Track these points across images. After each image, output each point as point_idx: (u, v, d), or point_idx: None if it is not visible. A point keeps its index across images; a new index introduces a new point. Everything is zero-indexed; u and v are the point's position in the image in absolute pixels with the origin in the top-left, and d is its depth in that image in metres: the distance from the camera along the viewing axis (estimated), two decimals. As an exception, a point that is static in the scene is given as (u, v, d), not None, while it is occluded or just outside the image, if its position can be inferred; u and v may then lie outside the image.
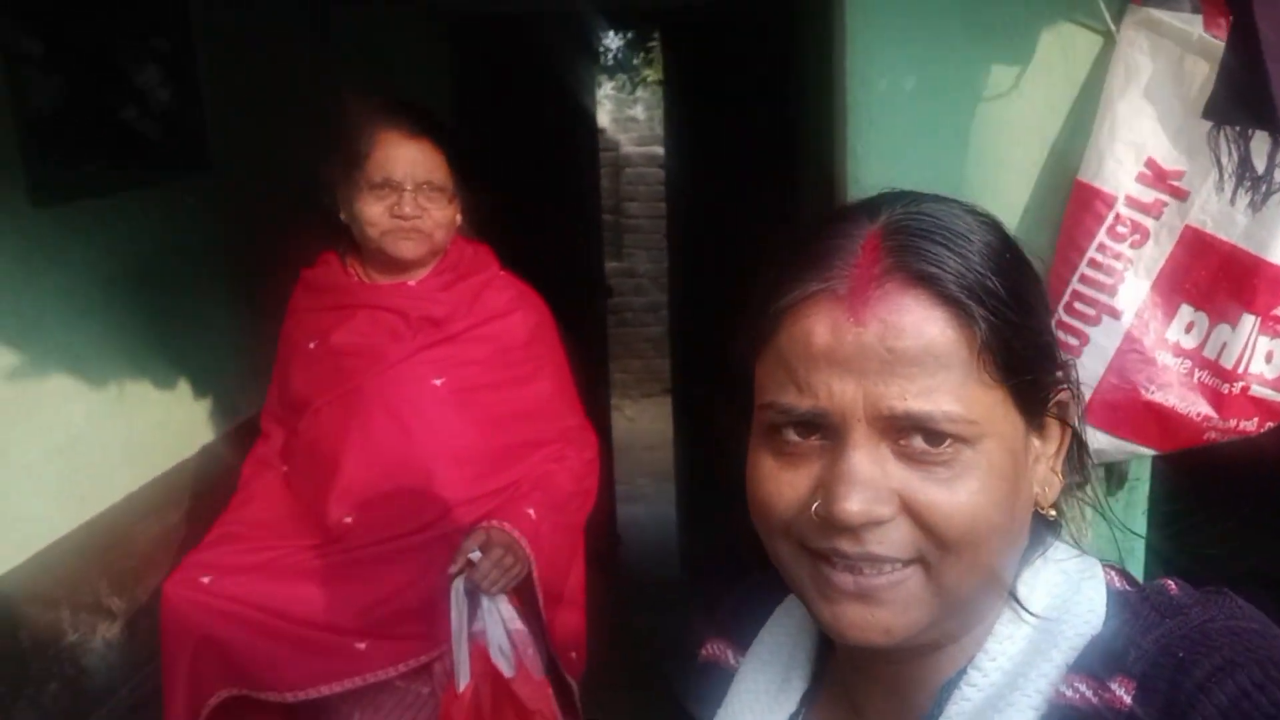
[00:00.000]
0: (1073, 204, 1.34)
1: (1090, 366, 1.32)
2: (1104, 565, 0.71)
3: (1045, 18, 1.35)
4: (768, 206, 3.98)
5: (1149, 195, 1.31)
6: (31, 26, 2.54)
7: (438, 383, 1.96)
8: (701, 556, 4.21)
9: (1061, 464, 0.71)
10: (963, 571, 0.63)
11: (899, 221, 0.65)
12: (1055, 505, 0.72)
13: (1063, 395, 0.69)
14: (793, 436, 0.65)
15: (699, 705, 0.82)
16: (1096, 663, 0.63)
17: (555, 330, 2.12)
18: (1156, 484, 1.55)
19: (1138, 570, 1.62)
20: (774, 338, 0.66)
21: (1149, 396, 1.31)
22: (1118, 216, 1.31)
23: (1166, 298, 1.31)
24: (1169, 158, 1.31)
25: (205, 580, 2.07)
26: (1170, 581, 0.68)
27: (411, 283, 1.98)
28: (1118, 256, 1.31)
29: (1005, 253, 0.66)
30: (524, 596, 1.97)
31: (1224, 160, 1.18)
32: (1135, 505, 1.57)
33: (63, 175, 2.60)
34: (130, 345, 2.82)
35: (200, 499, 3.14)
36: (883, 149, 1.41)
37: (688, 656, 0.87)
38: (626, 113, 7.27)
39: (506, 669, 1.87)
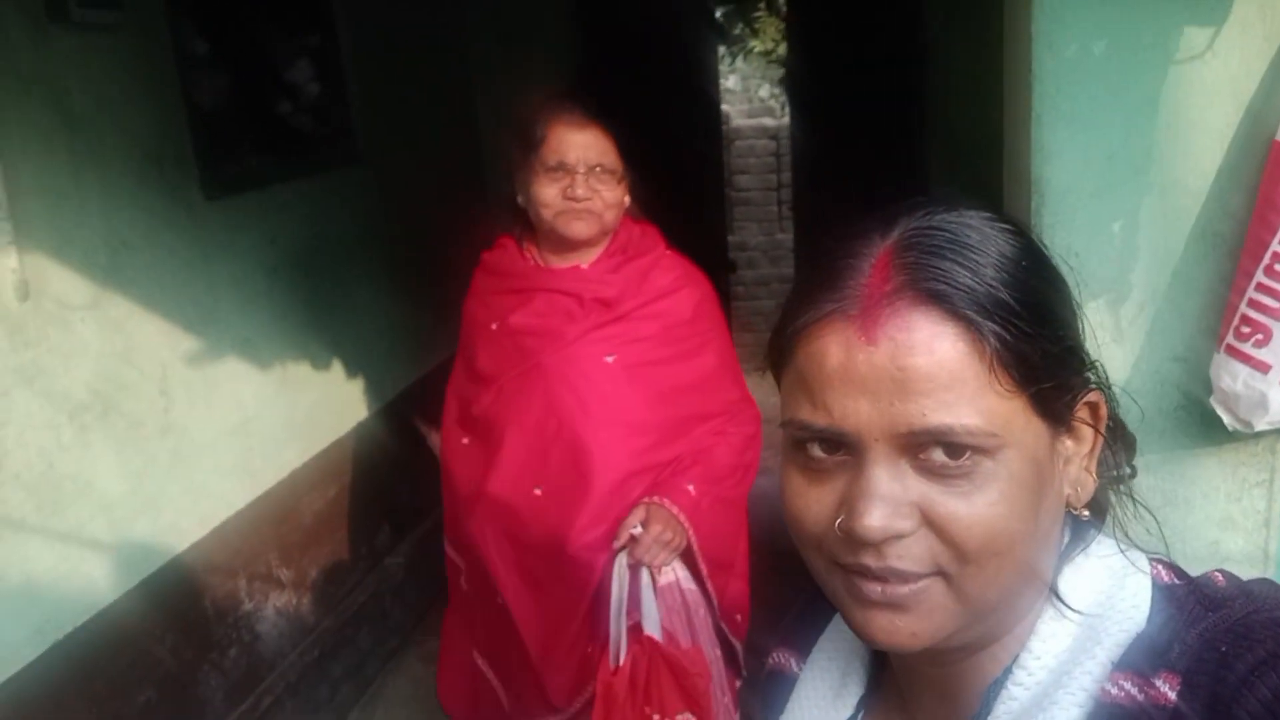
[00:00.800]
0: (1271, 165, 1.33)
1: (1294, 327, 1.31)
2: (1152, 559, 0.70)
3: (1241, -24, 1.34)
4: (892, 174, 3.96)
5: (1353, 154, 1.29)
6: (197, 27, 2.66)
7: (610, 359, 2.03)
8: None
9: (1096, 463, 0.69)
10: (985, 581, 0.63)
11: (909, 238, 0.65)
12: (1096, 503, 0.71)
13: (1092, 396, 0.68)
14: (817, 453, 0.65)
15: (765, 713, 0.84)
16: (1141, 659, 0.62)
17: (718, 306, 2.18)
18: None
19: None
20: (793, 357, 0.67)
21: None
22: (1320, 177, 1.30)
23: (1372, 258, 1.29)
24: (1374, 115, 1.29)
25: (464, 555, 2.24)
26: (1218, 573, 0.68)
27: (584, 265, 2.06)
28: (1321, 218, 1.30)
29: (1021, 261, 0.65)
30: (690, 567, 2.03)
31: None
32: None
33: (229, 170, 2.73)
34: (291, 330, 2.97)
35: (356, 474, 3.29)
36: (1070, 116, 1.41)
37: (756, 669, 0.91)
38: (724, 84, 7.23)
39: (660, 638, 1.93)
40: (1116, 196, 1.44)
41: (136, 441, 2.35)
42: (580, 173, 1.96)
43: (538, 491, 2.03)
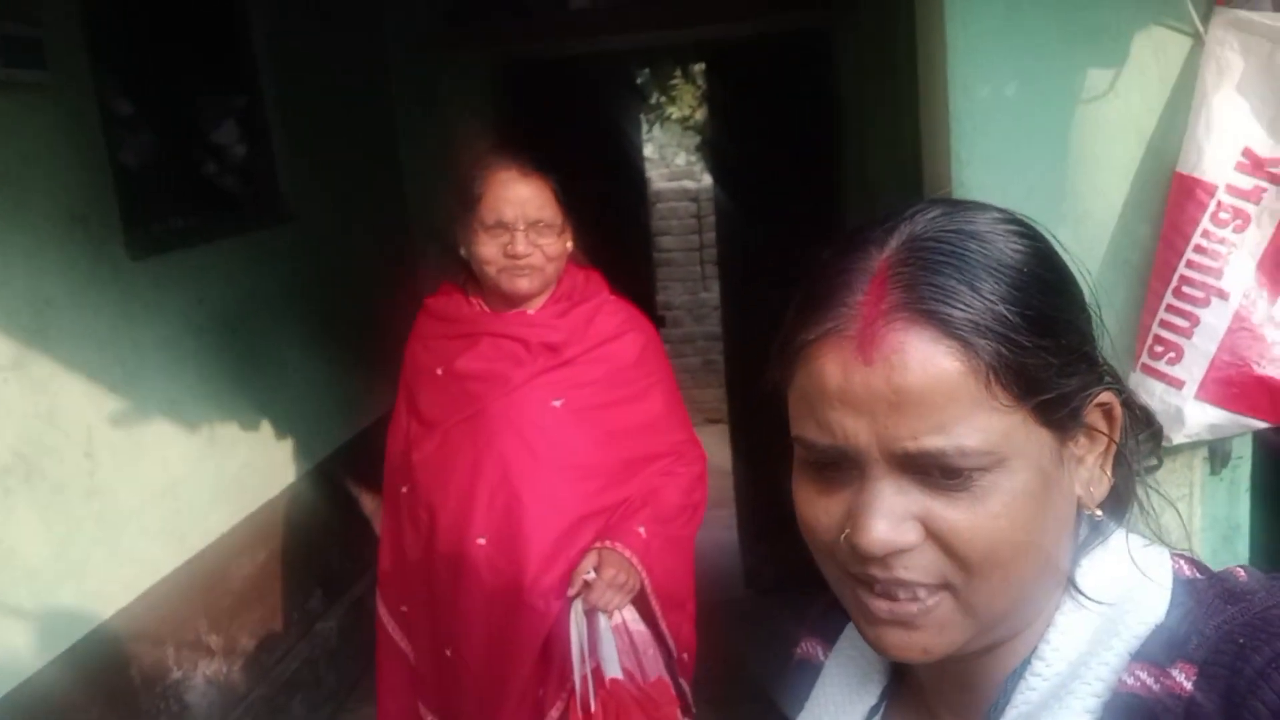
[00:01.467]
0: (1174, 195, 1.42)
1: (1202, 346, 1.39)
2: (1174, 554, 0.70)
3: (1137, 22, 1.44)
4: (812, 228, 4.07)
5: (1248, 182, 1.39)
6: (122, 87, 2.66)
7: (557, 404, 2.04)
8: (767, 574, 4.26)
9: (1111, 462, 0.69)
10: (992, 593, 0.63)
11: (906, 253, 0.64)
12: (1117, 494, 0.71)
13: (1105, 397, 0.67)
14: (825, 467, 0.66)
15: (791, 700, 0.85)
16: (1159, 650, 0.63)
17: (662, 349, 2.21)
18: (1259, 462, 1.62)
19: (1241, 548, 1.68)
20: (796, 374, 0.67)
21: (1260, 371, 1.38)
22: (1219, 204, 1.39)
23: (1272, 277, 1.38)
24: (1265, 146, 1.39)
25: (403, 610, 2.22)
26: (1240, 568, 0.67)
27: (530, 311, 2.08)
28: (1222, 241, 1.39)
29: (1024, 270, 0.64)
30: (641, 607, 2.04)
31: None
32: (1239, 484, 1.63)
33: (155, 229, 2.72)
34: (219, 391, 2.92)
35: (286, 537, 3.22)
36: (987, 153, 1.49)
37: (783, 658, 0.90)
38: (644, 151, 7.37)
39: (624, 678, 1.93)
40: (1034, 230, 1.52)
41: (61, 505, 2.29)
42: (520, 230, 1.97)
43: (481, 541, 2.02)
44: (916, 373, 0.61)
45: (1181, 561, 0.69)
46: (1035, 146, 1.49)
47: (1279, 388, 1.39)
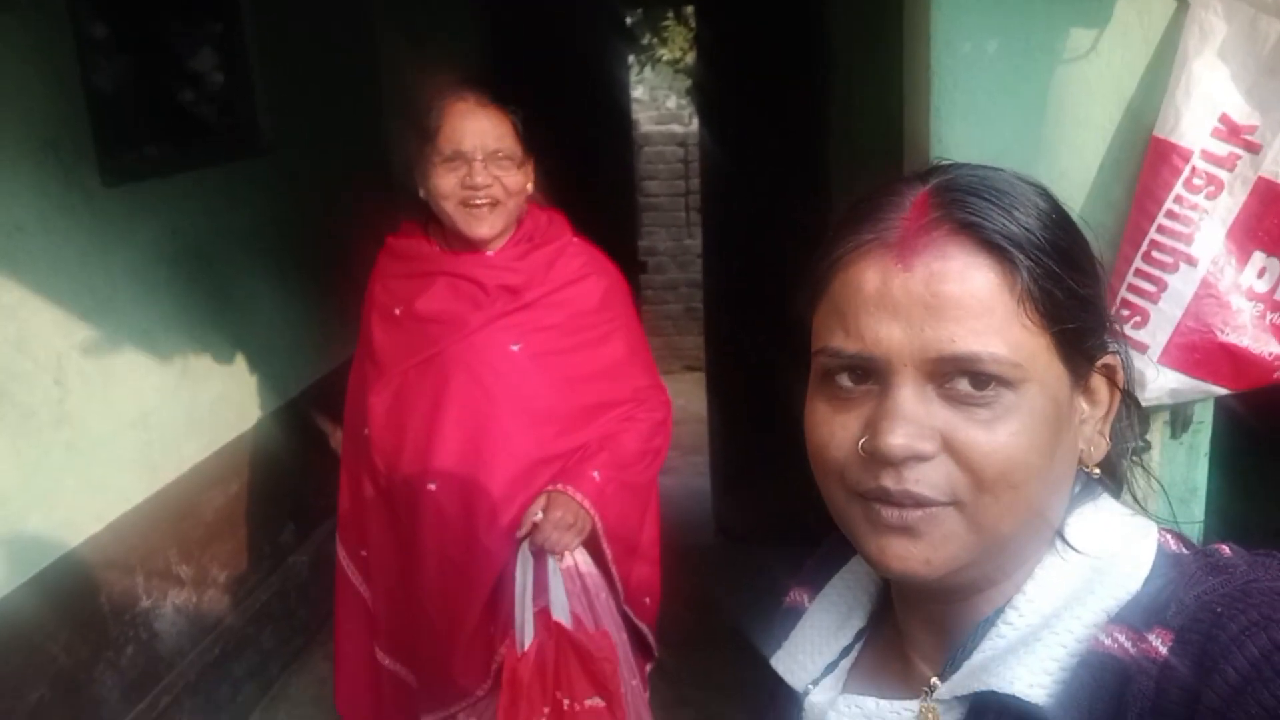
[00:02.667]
0: (1150, 158, 1.42)
1: (1168, 311, 1.40)
2: (1161, 528, 0.72)
3: (1121, -19, 1.43)
4: (797, 181, 4.06)
5: (1223, 149, 1.39)
6: (97, 11, 2.60)
7: (515, 348, 2.03)
8: (738, 522, 4.30)
9: (1109, 428, 0.72)
10: (1000, 512, 0.66)
11: (948, 181, 0.68)
12: (1110, 468, 0.74)
13: (1110, 359, 0.70)
14: (845, 382, 0.68)
15: (770, 642, 0.87)
16: (1137, 615, 0.64)
17: (627, 293, 2.19)
18: (1219, 428, 1.63)
19: (1197, 510, 1.70)
20: (828, 287, 0.69)
21: (1224, 338, 1.39)
22: (1194, 170, 1.39)
23: (1241, 245, 1.39)
24: (1242, 113, 1.38)
25: (362, 554, 2.23)
26: (1225, 545, 0.69)
27: (489, 253, 2.05)
28: (1194, 207, 1.39)
29: (1052, 213, 0.68)
30: (595, 552, 2.05)
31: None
32: (1198, 449, 1.64)
33: (129, 157, 2.68)
34: (192, 322, 2.91)
35: (259, 471, 3.23)
36: (966, 110, 1.48)
37: (770, 607, 0.92)
38: (633, 93, 7.29)
39: (569, 623, 1.95)
40: (1009, 188, 1.52)
41: (30, 433, 2.28)
42: (478, 160, 1.93)
43: (431, 487, 2.01)
44: (956, 279, 0.64)
45: (1168, 535, 0.71)
46: (1015, 104, 1.48)
47: (1241, 355, 1.40)
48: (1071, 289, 0.66)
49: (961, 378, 0.64)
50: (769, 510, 4.18)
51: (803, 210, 4.14)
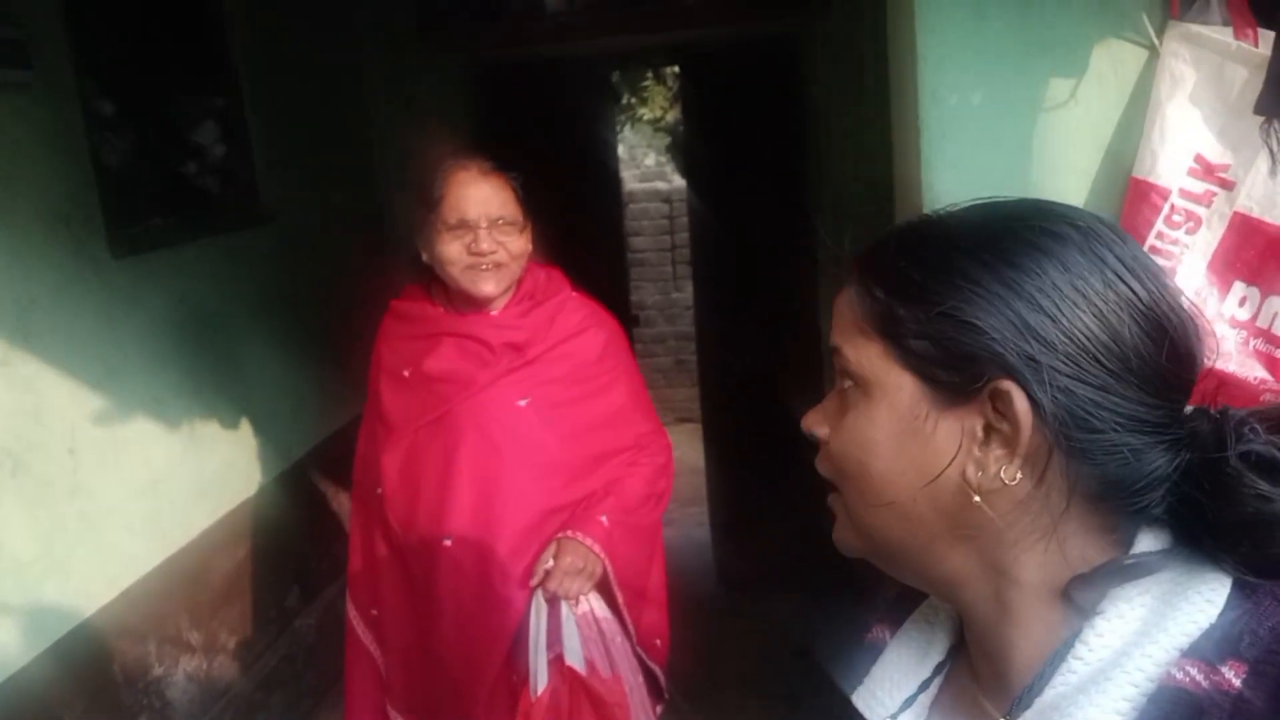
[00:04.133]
0: (1130, 198, 1.50)
1: (1157, 342, 1.47)
2: None
3: (1096, 35, 1.52)
4: (783, 233, 4.15)
5: (1200, 187, 1.47)
6: (105, 87, 2.68)
7: (523, 403, 2.09)
8: (739, 571, 4.33)
9: (1013, 464, 0.69)
10: (855, 505, 0.75)
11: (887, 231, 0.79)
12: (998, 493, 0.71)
13: (1003, 384, 0.68)
14: None
15: (850, 678, 0.89)
16: (1210, 648, 0.63)
17: (625, 343, 2.26)
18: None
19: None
20: None
21: (1210, 365, 1.46)
22: (1173, 207, 1.47)
23: (1221, 276, 1.47)
24: (1215, 153, 1.47)
25: (373, 613, 2.25)
26: None
27: (494, 312, 2.12)
28: (1175, 242, 1.47)
29: (942, 252, 0.72)
30: (607, 596, 2.10)
31: (1275, 149, 1.35)
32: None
33: (136, 229, 2.74)
34: (198, 389, 2.95)
35: (264, 535, 3.25)
36: (955, 158, 1.56)
37: (852, 643, 0.94)
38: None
39: (582, 668, 1.98)
40: (999, 231, 1.60)
41: (46, 503, 2.31)
42: (483, 228, 2.00)
43: (447, 543, 2.05)
44: (842, 298, 0.78)
45: None
46: (1000, 151, 1.56)
47: (1226, 380, 1.47)
48: (919, 312, 0.70)
49: (837, 369, 0.76)
50: (769, 558, 4.22)
51: (789, 261, 4.25)
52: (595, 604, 2.05)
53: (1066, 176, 1.57)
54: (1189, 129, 1.47)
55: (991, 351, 0.69)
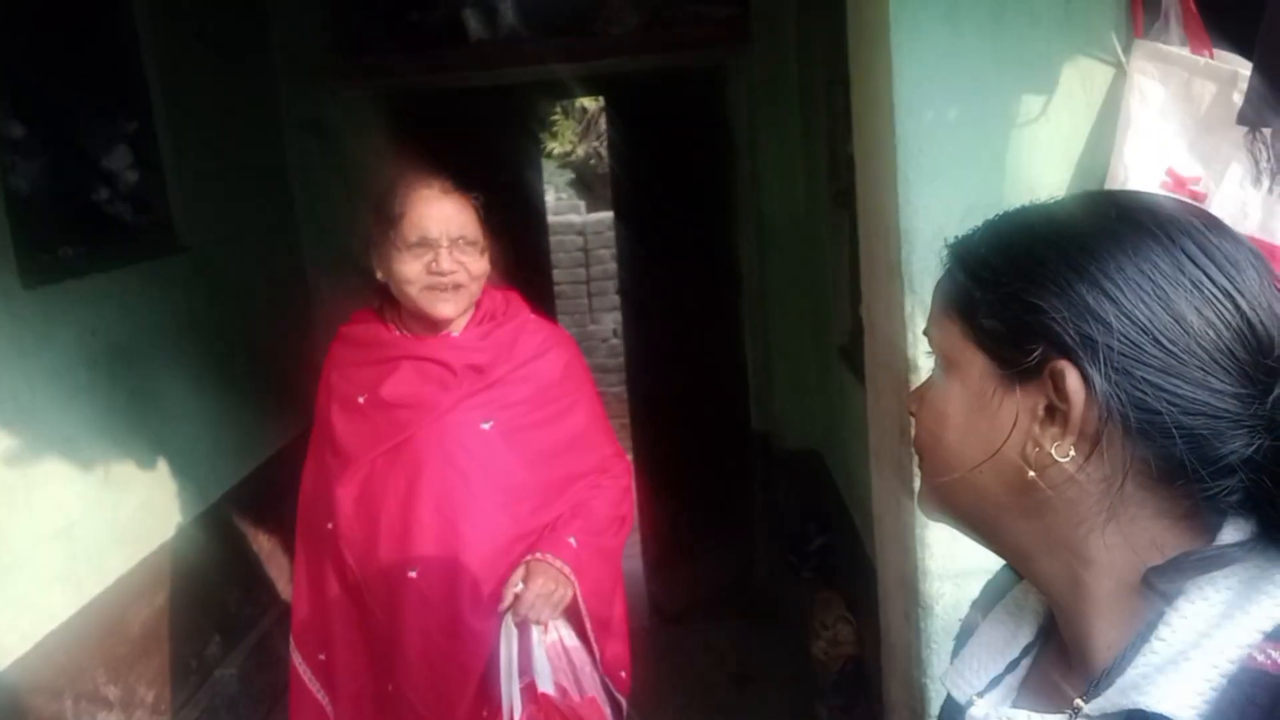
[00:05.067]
0: (1102, 212, 1.53)
1: (1136, 351, 1.49)
2: None
3: (1066, 52, 1.55)
4: (708, 261, 4.17)
5: (1171, 200, 1.51)
6: (13, 111, 2.54)
7: (487, 426, 2.02)
8: (669, 605, 4.29)
9: (1067, 441, 0.70)
10: (927, 470, 0.80)
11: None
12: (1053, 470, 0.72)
13: (1059, 364, 0.69)
14: None
15: (951, 658, 0.92)
16: None
17: (583, 364, 2.23)
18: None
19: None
20: None
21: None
22: (1146, 219, 1.50)
23: (1195, 287, 1.50)
24: (1186, 166, 1.51)
25: (321, 658, 2.14)
26: None
27: (454, 334, 2.05)
28: (1149, 254, 1.50)
29: (1018, 238, 0.76)
30: (574, 621, 2.04)
31: (1260, 159, 1.39)
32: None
33: (47, 257, 2.59)
34: (114, 426, 2.79)
35: (179, 581, 3.08)
36: (930, 173, 1.57)
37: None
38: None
39: (556, 694, 1.92)
40: (973, 245, 1.61)
41: (-47, 550, 2.14)
42: (444, 246, 1.95)
43: (412, 574, 1.97)
44: (938, 284, 0.82)
45: None
46: (975, 166, 1.58)
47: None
48: (993, 296, 0.74)
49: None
50: (703, 589, 4.19)
51: (715, 289, 4.26)
52: (564, 632, 1.99)
53: (1039, 190, 1.58)
54: (1160, 143, 1.51)
55: (1051, 331, 0.71)
